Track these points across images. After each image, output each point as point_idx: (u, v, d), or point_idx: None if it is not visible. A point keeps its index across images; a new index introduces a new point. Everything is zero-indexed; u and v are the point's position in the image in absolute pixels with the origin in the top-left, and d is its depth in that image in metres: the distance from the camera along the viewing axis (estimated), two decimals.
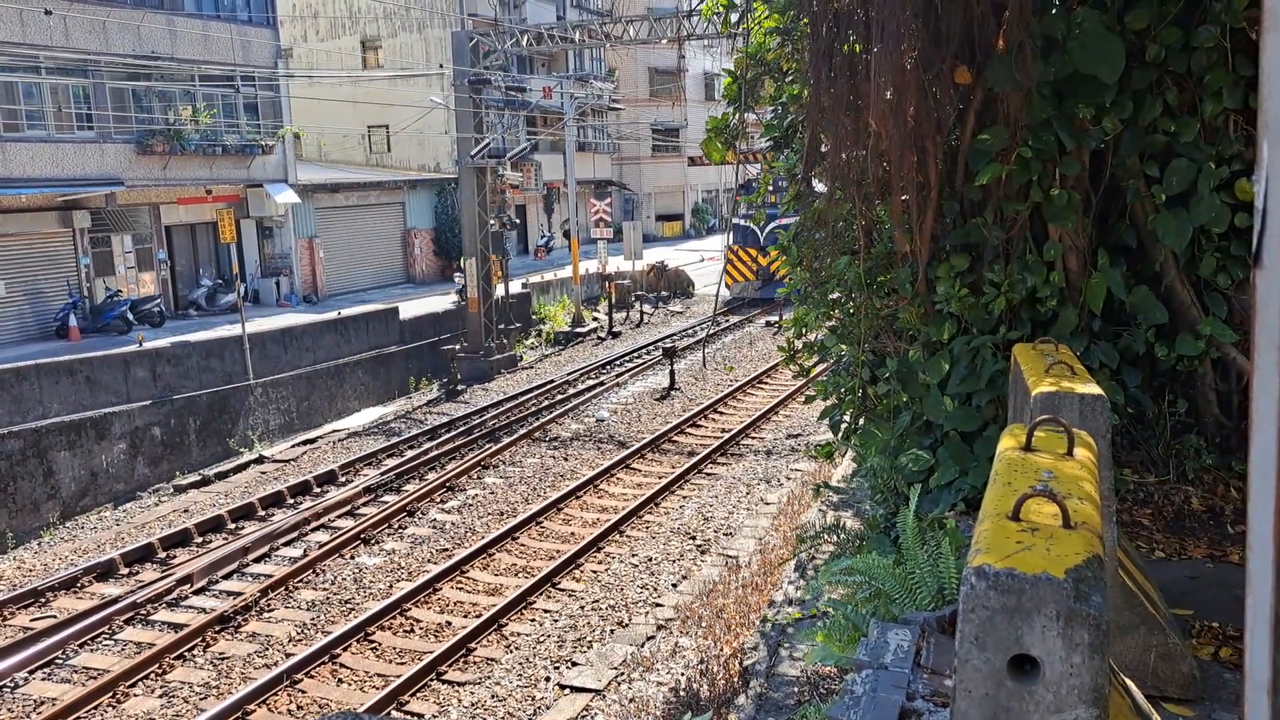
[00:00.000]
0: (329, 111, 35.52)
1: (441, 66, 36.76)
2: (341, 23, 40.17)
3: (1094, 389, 3.93)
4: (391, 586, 12.12)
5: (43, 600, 12.17)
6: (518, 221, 39.24)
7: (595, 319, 31.40)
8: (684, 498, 15.06)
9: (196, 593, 12.18)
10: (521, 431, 18.73)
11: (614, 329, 29.70)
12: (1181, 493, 6.23)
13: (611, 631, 10.65)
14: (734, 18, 8.45)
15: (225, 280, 27.90)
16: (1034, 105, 5.67)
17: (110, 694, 9.70)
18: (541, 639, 10.54)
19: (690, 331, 28.90)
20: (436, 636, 10.79)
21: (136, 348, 19.72)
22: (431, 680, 9.79)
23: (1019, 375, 4.60)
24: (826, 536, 8.26)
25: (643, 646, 10.18)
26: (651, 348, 26.50)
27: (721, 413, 20.12)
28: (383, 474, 16.51)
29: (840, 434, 7.92)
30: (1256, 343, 1.13)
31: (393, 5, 38.42)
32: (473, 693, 9.55)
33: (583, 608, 11.27)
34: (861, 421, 7.61)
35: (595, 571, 12.35)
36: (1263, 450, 1.17)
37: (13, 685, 10.07)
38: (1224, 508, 6.07)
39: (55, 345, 22.13)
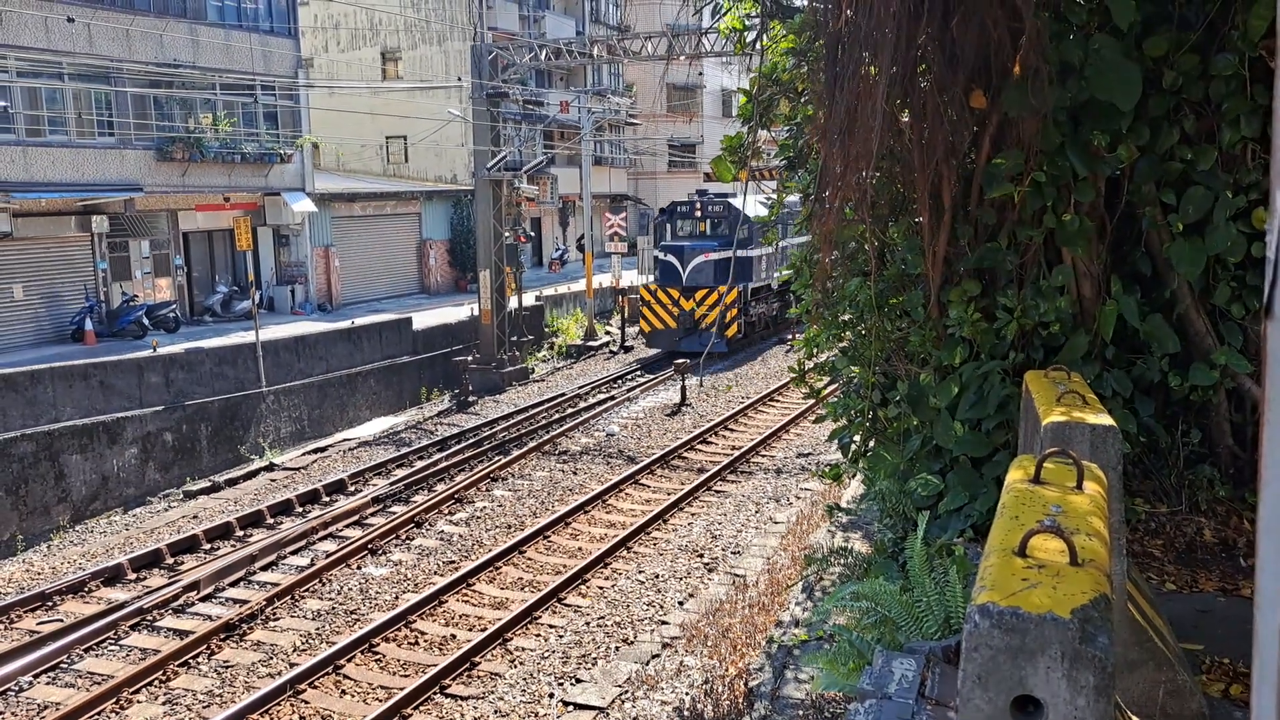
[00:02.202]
0: (348, 122, 35.72)
1: (460, 79, 36.97)
2: (362, 34, 40.46)
3: (1105, 419, 3.88)
4: (397, 598, 12.10)
5: (50, 604, 12.20)
6: (532, 234, 39.37)
7: (608, 333, 31.41)
8: (693, 515, 15.00)
9: (203, 600, 12.18)
10: (531, 444, 18.72)
11: (626, 343, 29.69)
12: (1194, 524, 6.16)
13: (617, 649, 10.59)
14: (749, 37, 8.46)
15: (241, 287, 28.03)
16: (1049, 131, 5.64)
17: (114, 699, 9.69)
18: (546, 654, 10.50)
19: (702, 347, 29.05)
20: (441, 649, 10.75)
21: (151, 353, 19.82)
22: (435, 694, 9.75)
23: (1030, 403, 4.56)
24: (835, 559, 8.21)
25: (648, 665, 10.12)
26: (664, 362, 26.48)
27: (732, 430, 20.06)
28: (392, 484, 16.51)
29: (850, 456, 7.88)
30: (1268, 397, 1.10)
31: (413, 18, 38.67)
32: (476, 708, 9.51)
33: (588, 624, 11.22)
34: (871, 444, 7.57)
35: (602, 587, 12.30)
36: (1273, 506, 1.14)
37: (17, 689, 10.08)
38: (1237, 540, 6.00)
39: (70, 349, 22.26)
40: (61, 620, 11.69)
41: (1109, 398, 5.72)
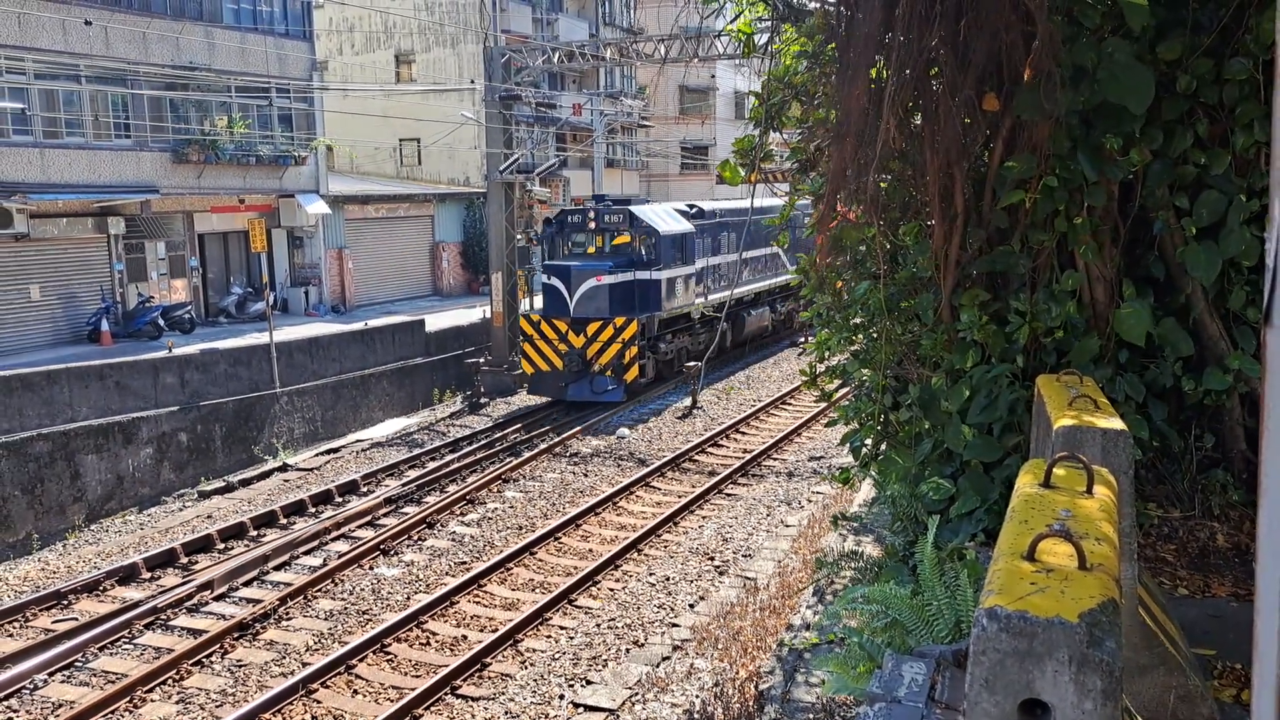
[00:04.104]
0: (361, 124, 35.86)
1: (473, 82, 37.06)
2: (377, 37, 40.61)
3: (1117, 424, 3.88)
4: (409, 598, 12.14)
5: (65, 602, 12.29)
6: None
7: None
8: (704, 518, 15.00)
9: (217, 599, 12.24)
10: (542, 446, 18.75)
11: None
12: (1207, 529, 6.13)
13: (627, 651, 10.60)
14: (762, 39, 8.47)
15: (255, 289, 28.17)
16: (1061, 134, 5.63)
17: (128, 698, 9.75)
18: (557, 656, 10.51)
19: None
20: (452, 650, 10.78)
21: (166, 354, 19.93)
22: (446, 694, 9.78)
23: (1041, 407, 4.56)
24: (846, 563, 8.20)
25: (658, 667, 10.13)
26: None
27: (743, 433, 20.05)
28: (404, 485, 16.57)
29: (861, 459, 7.87)
30: (1267, 405, 1.11)
31: (427, 21, 38.81)
32: (486, 708, 9.53)
33: (599, 626, 11.24)
34: (883, 448, 7.56)
35: (612, 589, 12.31)
36: (1273, 512, 1.14)
37: (32, 686, 10.15)
38: (1250, 545, 5.97)
39: (87, 349, 22.41)
40: (76, 619, 11.77)
41: (1121, 402, 5.70)
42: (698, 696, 9.28)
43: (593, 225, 23.03)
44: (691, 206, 25.92)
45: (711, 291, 25.48)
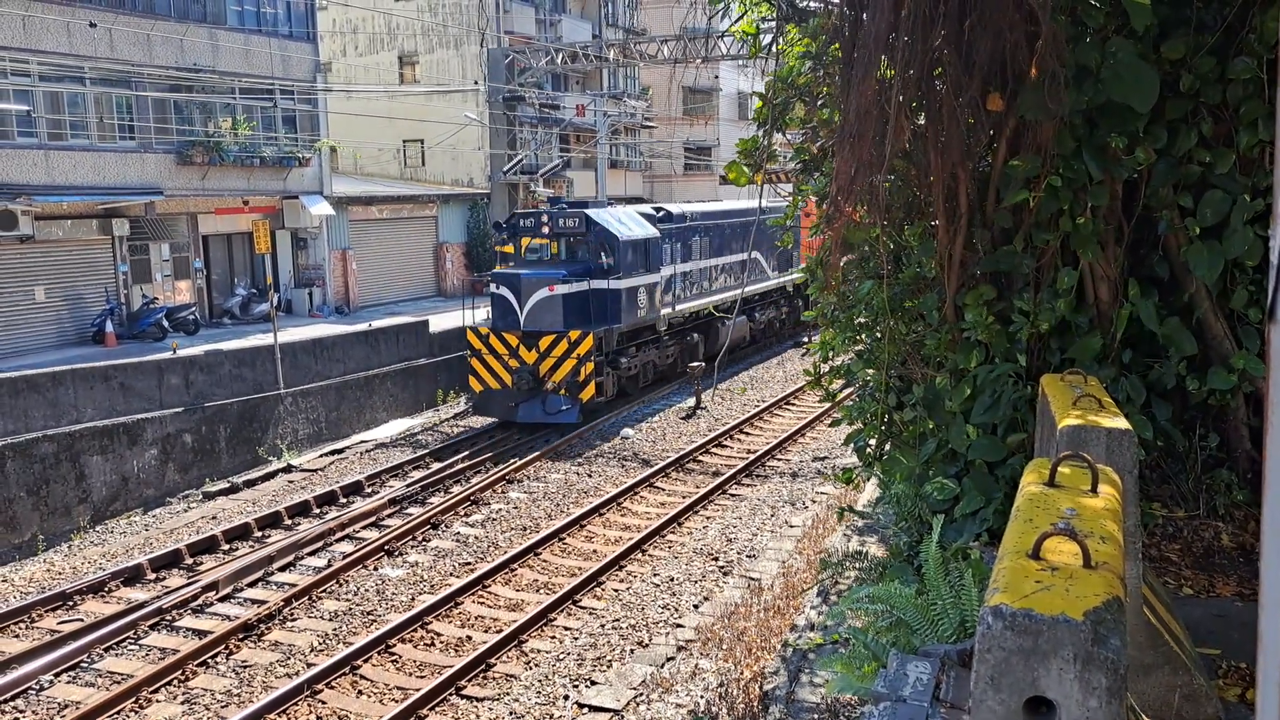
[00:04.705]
0: (365, 125, 35.91)
1: (477, 83, 37.13)
2: (380, 38, 40.66)
3: (1121, 423, 3.88)
4: (414, 599, 12.15)
5: (70, 603, 12.31)
6: None
7: None
8: (708, 518, 15.00)
9: (222, 600, 12.27)
10: (546, 446, 18.76)
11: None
12: (1211, 529, 6.13)
13: (631, 651, 10.61)
14: (765, 40, 8.48)
15: (259, 290, 28.22)
16: (1065, 134, 5.64)
17: (133, 699, 9.78)
18: (561, 656, 10.52)
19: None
20: (457, 651, 10.80)
21: (171, 355, 19.97)
22: (451, 695, 9.79)
23: (1046, 407, 4.56)
24: (850, 563, 8.20)
25: (662, 667, 10.13)
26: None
27: (747, 433, 20.05)
28: (408, 486, 16.59)
29: (865, 459, 7.87)
30: (1272, 403, 1.11)
31: (431, 22, 38.85)
32: (491, 709, 9.54)
33: (603, 626, 11.25)
34: (887, 447, 7.56)
35: (617, 590, 12.32)
36: (1277, 512, 1.15)
37: (38, 687, 10.18)
38: (1254, 545, 5.96)
39: (91, 350, 22.45)
40: (82, 620, 11.80)
41: (1124, 402, 5.70)
42: (702, 697, 9.29)
43: (546, 230, 21.16)
44: (658, 209, 24.27)
45: (683, 300, 23.97)
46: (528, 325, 19.67)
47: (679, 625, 11.17)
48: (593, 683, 9.92)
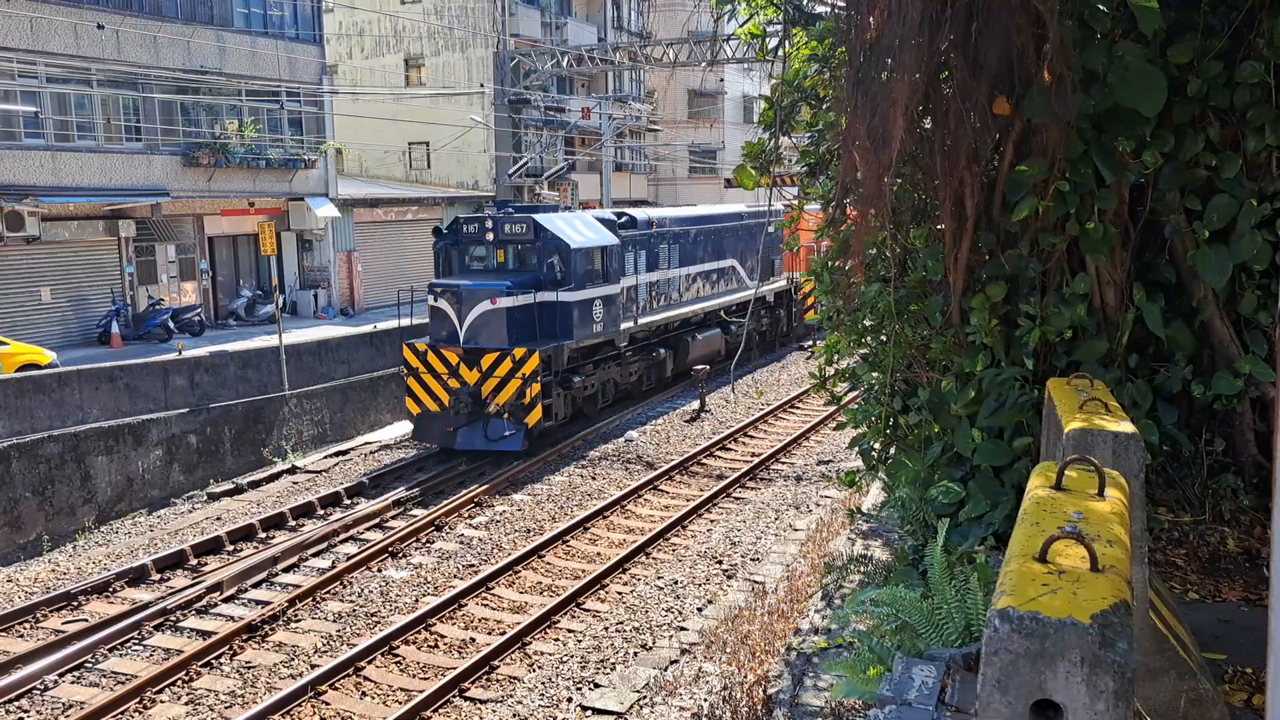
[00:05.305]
0: (371, 128, 36.00)
1: (482, 86, 37.18)
2: (386, 41, 40.74)
3: (1127, 427, 3.88)
4: (417, 601, 12.15)
5: (75, 604, 12.33)
6: None
7: None
8: (712, 521, 14.99)
9: (226, 601, 12.28)
10: (550, 449, 18.76)
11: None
12: (1217, 533, 6.12)
13: (635, 654, 10.60)
14: (771, 43, 8.48)
15: (264, 291, 28.29)
16: (1073, 138, 5.63)
17: (137, 699, 9.78)
18: (565, 659, 10.52)
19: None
20: (460, 652, 10.80)
21: (176, 356, 20.02)
22: (454, 696, 9.79)
23: (1052, 410, 4.56)
24: (855, 566, 8.19)
25: (666, 670, 10.13)
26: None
27: (752, 436, 20.03)
28: (411, 488, 16.59)
29: (870, 463, 7.87)
30: (1279, 404, 1.11)
31: (436, 25, 38.93)
32: (494, 711, 9.54)
33: (607, 629, 11.24)
34: (892, 451, 7.55)
35: (620, 593, 12.31)
36: None
37: (43, 687, 10.19)
38: (1261, 550, 5.95)
39: (97, 351, 22.52)
40: (86, 620, 11.81)
41: (1131, 406, 5.69)
42: (706, 700, 9.27)
43: (491, 237, 19.25)
44: (620, 215, 22.48)
45: (648, 313, 22.25)
46: (468, 341, 17.86)
47: (683, 628, 11.17)
48: (596, 685, 9.91)
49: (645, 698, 9.55)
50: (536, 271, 18.96)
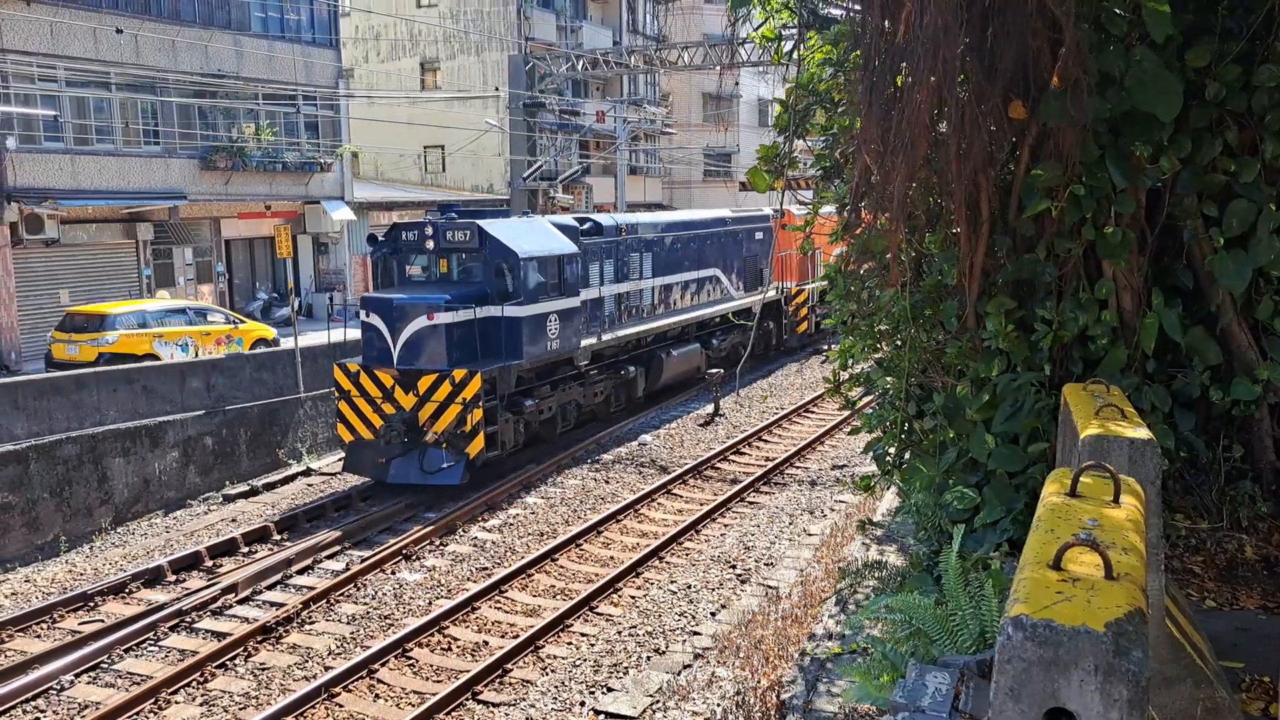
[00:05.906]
0: (387, 131, 36.18)
1: (498, 89, 37.29)
2: (402, 45, 40.93)
3: (1144, 433, 3.85)
4: (431, 604, 12.18)
5: (91, 604, 12.41)
6: None
7: None
8: (725, 526, 14.97)
9: (241, 602, 12.33)
10: (564, 451, 18.77)
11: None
12: (1235, 541, 6.06)
13: (648, 658, 10.59)
14: (786, 46, 8.47)
15: (280, 294, 28.44)
16: (1089, 142, 5.60)
17: (152, 700, 9.83)
18: (578, 663, 10.52)
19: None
20: (474, 656, 10.81)
21: (192, 358, 20.13)
22: (467, 699, 9.80)
23: (1068, 416, 4.53)
24: (869, 572, 8.16)
25: (679, 675, 10.11)
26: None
27: (766, 441, 20.00)
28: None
29: (884, 468, 7.84)
30: None
31: (452, 29, 39.07)
32: (507, 714, 9.55)
33: (620, 633, 11.23)
34: (907, 456, 7.52)
35: (634, 597, 12.30)
36: None
37: (59, 687, 10.26)
38: (1278, 557, 5.90)
39: None
40: (102, 621, 11.89)
41: (1148, 412, 5.65)
42: (719, 705, 9.26)
43: (431, 245, 17.29)
44: (583, 220, 20.46)
45: (616, 327, 20.29)
46: (402, 362, 15.97)
47: (696, 633, 11.15)
48: (609, 689, 9.91)
49: (658, 702, 9.54)
50: (483, 284, 17.03)
